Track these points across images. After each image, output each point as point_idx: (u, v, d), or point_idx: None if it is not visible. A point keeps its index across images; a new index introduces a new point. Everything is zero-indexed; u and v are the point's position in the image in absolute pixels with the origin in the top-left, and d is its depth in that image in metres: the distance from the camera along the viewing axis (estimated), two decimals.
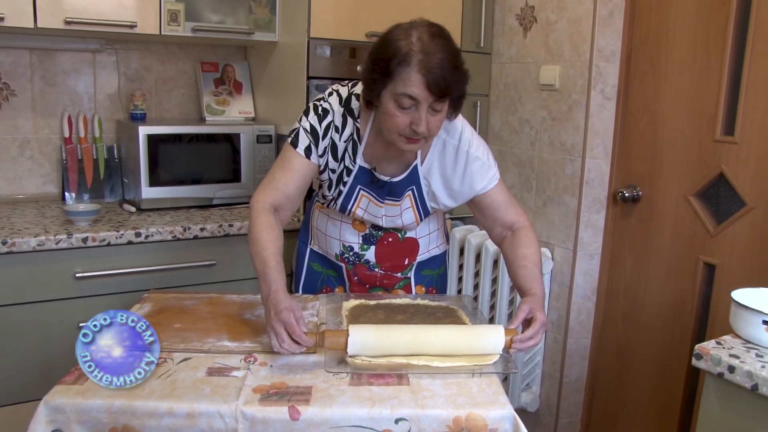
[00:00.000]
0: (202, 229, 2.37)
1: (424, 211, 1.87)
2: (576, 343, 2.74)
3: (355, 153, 1.78)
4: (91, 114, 2.77)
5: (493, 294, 2.90)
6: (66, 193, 2.68)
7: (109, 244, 2.23)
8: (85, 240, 2.18)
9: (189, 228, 2.35)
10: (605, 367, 2.73)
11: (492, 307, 2.92)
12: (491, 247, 2.85)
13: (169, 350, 1.53)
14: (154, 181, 2.53)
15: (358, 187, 1.82)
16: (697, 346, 1.56)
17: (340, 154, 1.78)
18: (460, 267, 3.05)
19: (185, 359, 1.50)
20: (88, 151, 2.71)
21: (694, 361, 1.56)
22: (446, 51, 1.54)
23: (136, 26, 2.43)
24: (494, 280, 2.90)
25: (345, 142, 1.77)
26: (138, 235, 2.27)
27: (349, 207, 1.85)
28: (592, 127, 2.56)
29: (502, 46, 2.94)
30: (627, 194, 2.54)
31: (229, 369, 1.46)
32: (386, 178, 1.80)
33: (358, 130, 1.76)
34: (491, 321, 2.88)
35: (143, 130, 2.49)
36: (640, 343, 2.58)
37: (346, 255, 1.98)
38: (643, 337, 2.57)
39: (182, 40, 2.79)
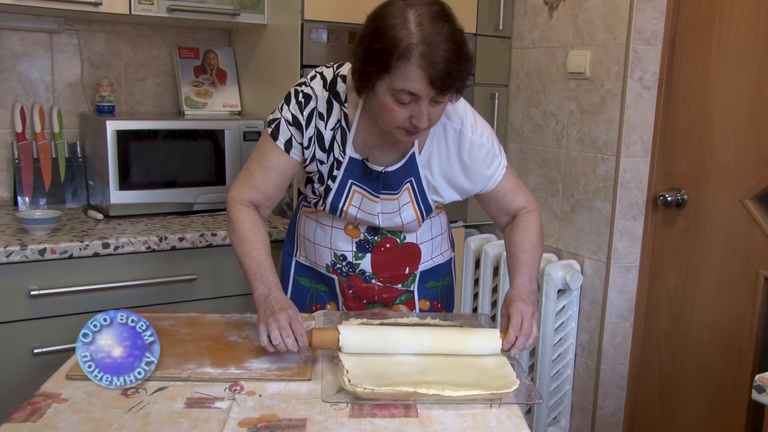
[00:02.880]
0: (180, 239, 2.35)
1: (425, 207, 1.86)
2: (611, 370, 2.72)
3: (344, 142, 1.78)
4: (49, 105, 2.75)
5: None
6: (19, 198, 2.66)
7: (71, 257, 2.20)
8: (42, 252, 2.15)
9: (166, 238, 2.32)
10: (646, 399, 2.71)
11: None
12: None
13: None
14: (124, 184, 2.50)
15: (350, 181, 1.81)
16: (757, 377, 1.53)
17: (327, 144, 1.79)
18: (476, 281, 3.04)
19: (161, 389, 1.48)
20: (45, 148, 2.68)
21: (754, 395, 1.53)
22: (450, 39, 1.52)
23: (101, 4, 2.40)
24: None
25: (332, 130, 1.78)
26: (106, 246, 2.24)
27: (340, 206, 1.84)
28: (629, 120, 2.55)
29: (523, 29, 2.93)
30: (670, 198, 2.53)
31: (212, 399, 1.44)
32: (380, 168, 1.79)
33: (346, 116, 1.77)
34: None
35: (111, 126, 2.47)
36: (688, 371, 2.55)
37: (338, 266, 1.97)
38: (691, 364, 2.54)
39: (156, 21, 2.77)
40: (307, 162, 1.81)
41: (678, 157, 2.52)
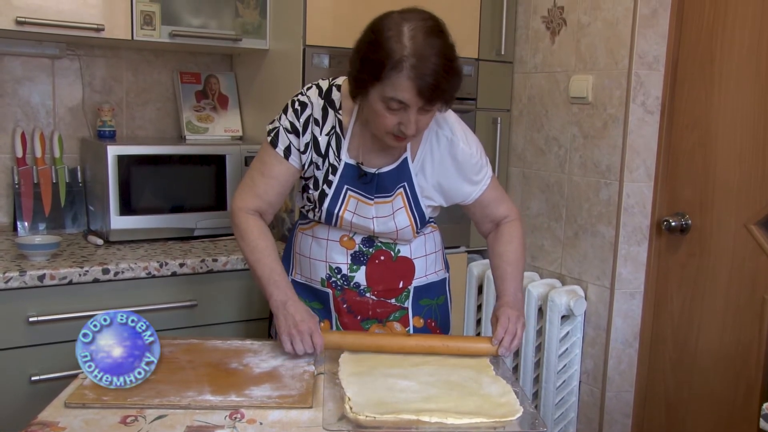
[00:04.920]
0: (181, 265, 2.34)
1: (419, 214, 1.91)
2: (616, 397, 2.70)
3: (339, 148, 1.86)
4: (50, 130, 2.75)
5: None
6: (18, 223, 2.65)
7: (70, 283, 2.19)
8: (41, 278, 2.15)
9: (166, 263, 2.32)
10: (652, 427, 2.68)
11: (516, 354, 2.88)
12: None
13: (140, 406, 1.50)
14: (125, 209, 2.50)
15: (345, 187, 1.88)
16: (765, 406, 1.53)
17: (323, 149, 1.87)
18: (479, 307, 3.02)
19: (160, 417, 1.46)
20: (45, 173, 2.68)
21: (762, 424, 1.52)
22: (441, 54, 1.62)
23: (103, 29, 2.42)
24: None
25: (327, 135, 1.86)
26: (106, 271, 2.23)
27: (336, 211, 1.90)
28: (632, 145, 2.55)
29: (525, 54, 2.94)
30: (674, 223, 2.52)
31: (212, 427, 1.43)
32: (373, 170, 1.86)
33: (340, 122, 1.86)
34: (515, 369, 2.85)
35: (112, 151, 2.47)
36: (695, 399, 2.53)
37: (333, 279, 2.00)
38: (697, 392, 2.52)
39: (158, 46, 2.78)
40: (305, 167, 1.89)
41: (681, 182, 2.52)
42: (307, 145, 1.86)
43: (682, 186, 2.52)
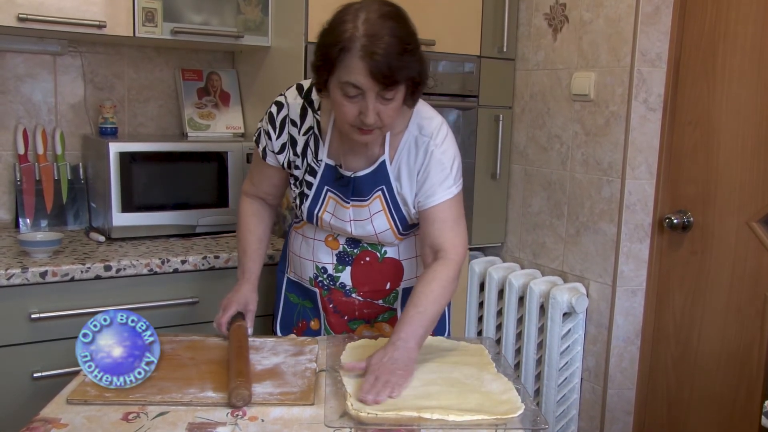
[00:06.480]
0: (183, 262, 2.34)
1: (399, 217, 1.88)
2: (618, 395, 2.70)
3: (317, 149, 1.85)
4: (52, 127, 2.75)
5: (519, 336, 2.87)
6: (20, 220, 2.65)
7: (72, 280, 2.19)
8: (43, 275, 2.14)
9: (168, 260, 2.32)
10: (654, 424, 2.69)
11: (518, 351, 2.88)
12: (515, 281, 2.82)
13: (142, 403, 1.50)
14: (126, 206, 2.50)
15: (326, 188, 1.88)
16: (766, 403, 1.51)
17: (300, 150, 1.87)
18: (480, 305, 3.02)
19: (162, 413, 1.47)
20: (47, 170, 2.68)
21: (764, 421, 1.52)
22: (394, 34, 1.58)
23: (105, 26, 2.42)
24: (520, 320, 2.87)
25: (305, 135, 1.86)
26: (108, 268, 2.23)
27: (315, 211, 1.90)
28: (634, 142, 2.55)
29: (527, 51, 2.94)
30: (676, 221, 2.53)
31: (214, 424, 1.43)
32: (349, 173, 1.83)
33: (318, 123, 1.84)
34: (517, 367, 2.85)
35: (114, 147, 2.47)
36: (696, 397, 2.53)
37: (320, 278, 2.01)
38: (699, 389, 2.52)
39: (160, 43, 2.79)
40: (284, 166, 1.92)
41: (683, 180, 2.52)
42: (283, 145, 1.88)
43: (684, 183, 2.52)
